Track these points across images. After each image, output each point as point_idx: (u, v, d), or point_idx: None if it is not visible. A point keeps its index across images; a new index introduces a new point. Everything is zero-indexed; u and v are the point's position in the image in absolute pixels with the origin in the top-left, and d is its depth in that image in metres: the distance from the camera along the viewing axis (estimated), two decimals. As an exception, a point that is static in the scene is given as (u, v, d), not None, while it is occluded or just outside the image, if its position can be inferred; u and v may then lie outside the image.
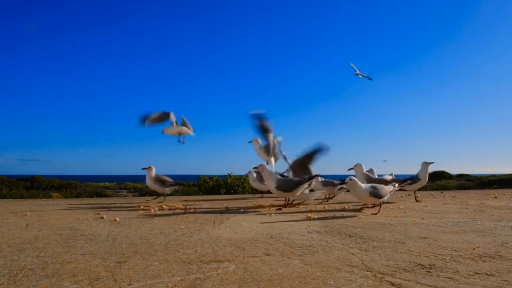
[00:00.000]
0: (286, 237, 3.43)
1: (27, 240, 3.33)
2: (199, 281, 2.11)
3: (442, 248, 2.97)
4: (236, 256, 2.70)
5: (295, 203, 6.45)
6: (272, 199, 7.45)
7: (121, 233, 3.65)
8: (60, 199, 8.54)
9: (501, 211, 5.40)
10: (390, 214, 5.13)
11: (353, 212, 5.36)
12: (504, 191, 9.71)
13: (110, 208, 6.13)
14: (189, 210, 5.70)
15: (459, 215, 4.97)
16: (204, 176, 12.07)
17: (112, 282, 2.09)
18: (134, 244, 3.12)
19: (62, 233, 3.66)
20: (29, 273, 2.26)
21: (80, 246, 3.07)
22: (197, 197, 8.56)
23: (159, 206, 6.27)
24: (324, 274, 2.25)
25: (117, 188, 14.03)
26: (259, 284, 2.07)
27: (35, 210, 5.80)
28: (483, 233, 3.60)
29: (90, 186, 12.52)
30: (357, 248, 2.96)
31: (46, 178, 13.05)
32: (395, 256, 2.70)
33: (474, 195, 8.53)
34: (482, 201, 7.00)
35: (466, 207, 6.06)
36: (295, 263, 2.52)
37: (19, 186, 11.58)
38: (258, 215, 5.13)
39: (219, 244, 3.14)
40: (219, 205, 6.50)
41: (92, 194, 10.81)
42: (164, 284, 2.06)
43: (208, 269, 2.35)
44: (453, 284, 2.06)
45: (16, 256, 2.71)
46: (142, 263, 2.51)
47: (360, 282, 2.09)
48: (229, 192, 11.15)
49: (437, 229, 3.87)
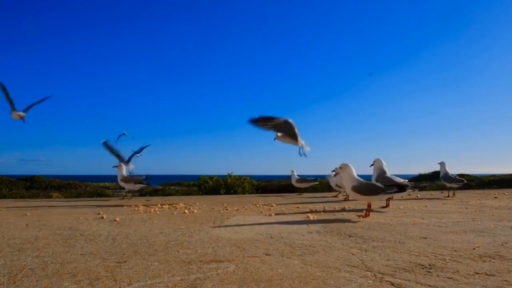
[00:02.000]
0: (286, 237, 3.43)
1: (27, 240, 3.33)
2: (199, 281, 2.11)
3: (442, 248, 2.96)
4: (236, 256, 2.70)
5: (294, 203, 6.45)
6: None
7: (121, 233, 3.65)
8: (60, 199, 8.54)
9: (501, 211, 5.40)
10: (390, 214, 5.13)
11: (353, 212, 5.36)
12: (504, 191, 9.71)
13: (110, 208, 6.13)
14: (188, 208, 5.70)
15: (459, 215, 4.97)
16: (204, 176, 12.07)
17: (112, 282, 2.09)
18: (134, 244, 3.12)
19: (62, 233, 3.65)
20: (29, 273, 2.26)
21: (80, 246, 3.07)
22: (197, 197, 8.56)
23: (160, 206, 6.27)
24: (324, 274, 2.25)
25: (117, 188, 14.02)
26: (259, 284, 2.06)
27: (35, 210, 5.80)
28: (483, 233, 3.59)
29: (90, 186, 12.51)
30: (357, 248, 2.96)
31: (46, 178, 13.04)
32: (395, 256, 2.69)
33: (474, 195, 8.53)
34: (482, 201, 7.00)
35: (466, 207, 6.06)
36: (295, 263, 2.52)
37: (19, 186, 11.58)
38: (258, 215, 5.13)
39: (219, 244, 3.14)
40: (219, 205, 6.50)
41: (92, 194, 10.81)
42: (164, 284, 2.06)
43: (208, 269, 2.35)
44: (453, 284, 2.06)
45: (16, 256, 2.71)
46: (142, 263, 2.51)
47: (360, 282, 2.09)
48: (229, 192, 11.15)
49: (437, 229, 3.87)
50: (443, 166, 8.37)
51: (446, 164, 8.36)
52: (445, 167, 8.34)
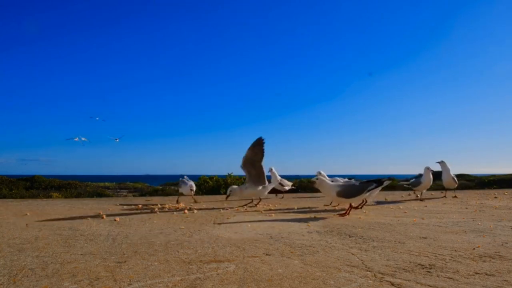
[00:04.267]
0: (286, 237, 3.43)
1: (27, 240, 3.33)
2: (199, 281, 2.11)
3: (442, 248, 2.96)
4: (236, 256, 2.70)
5: (294, 203, 6.45)
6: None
7: (121, 233, 3.65)
8: (60, 199, 8.54)
9: (501, 211, 5.40)
10: (390, 214, 5.13)
11: (353, 212, 5.36)
12: (504, 191, 9.71)
13: (110, 208, 6.13)
14: (189, 209, 5.70)
15: (459, 215, 4.97)
16: (204, 176, 12.07)
17: (112, 282, 2.09)
18: (134, 244, 3.12)
19: (62, 233, 3.65)
20: (29, 273, 2.26)
21: (80, 246, 3.07)
22: (197, 197, 8.56)
23: (160, 206, 6.26)
24: (324, 274, 2.25)
25: (117, 188, 14.03)
26: (259, 284, 2.06)
27: (35, 210, 5.80)
28: (483, 233, 3.59)
29: (90, 186, 12.50)
30: (357, 248, 2.96)
31: (46, 178, 13.02)
32: (395, 256, 2.69)
33: (474, 195, 8.53)
34: (482, 201, 7.00)
35: (466, 207, 6.06)
36: (295, 263, 2.52)
37: (19, 186, 11.57)
38: (258, 215, 5.13)
39: (219, 244, 3.14)
40: (219, 205, 6.50)
41: (92, 194, 10.80)
42: (164, 284, 2.06)
43: (208, 269, 2.35)
44: (453, 284, 2.06)
45: (16, 256, 2.71)
46: (142, 263, 2.51)
47: (360, 282, 2.09)
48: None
49: (437, 229, 3.87)
50: (444, 166, 7.94)
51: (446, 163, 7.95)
52: (446, 167, 7.90)
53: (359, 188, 4.82)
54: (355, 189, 4.81)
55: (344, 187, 4.83)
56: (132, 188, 14.61)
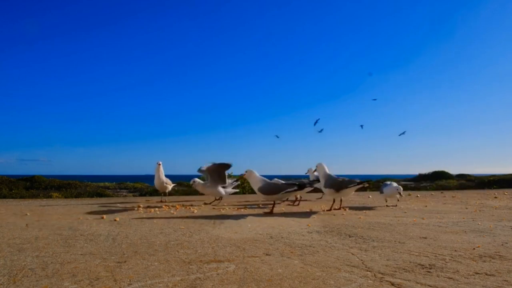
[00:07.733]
0: (286, 237, 3.43)
1: (27, 240, 3.32)
2: (199, 281, 2.11)
3: (442, 248, 2.96)
4: (236, 256, 2.70)
5: (294, 202, 6.45)
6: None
7: (121, 233, 3.65)
8: (60, 199, 8.54)
9: (501, 211, 5.40)
10: (390, 214, 5.13)
11: (353, 212, 5.36)
12: (504, 191, 9.71)
13: (110, 208, 6.13)
14: (187, 209, 5.70)
15: (459, 215, 4.97)
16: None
17: (112, 282, 2.09)
18: (134, 244, 3.12)
19: (62, 233, 3.65)
20: (29, 273, 2.26)
21: (80, 246, 3.07)
22: (197, 197, 8.56)
23: (160, 206, 6.26)
24: (324, 274, 2.25)
25: (117, 188, 14.00)
26: (259, 284, 2.06)
27: (35, 210, 5.80)
28: (483, 233, 3.59)
29: (90, 186, 12.49)
30: (357, 248, 2.96)
31: (46, 178, 13.01)
32: (395, 256, 2.69)
33: (474, 195, 8.53)
34: (482, 201, 7.00)
35: (466, 207, 6.06)
36: (295, 263, 2.52)
37: (19, 186, 11.56)
38: (258, 215, 5.13)
39: (219, 244, 3.14)
40: (219, 205, 6.50)
41: (92, 194, 10.79)
42: (164, 284, 2.06)
43: (208, 269, 2.35)
44: (453, 284, 2.06)
45: (16, 256, 2.71)
46: (142, 263, 2.51)
47: (360, 282, 2.09)
48: (229, 192, 11.12)
49: (437, 229, 3.87)
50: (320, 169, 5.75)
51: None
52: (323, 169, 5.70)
53: (279, 187, 5.32)
54: (275, 187, 5.31)
55: (265, 184, 5.36)
56: (132, 188, 14.60)
